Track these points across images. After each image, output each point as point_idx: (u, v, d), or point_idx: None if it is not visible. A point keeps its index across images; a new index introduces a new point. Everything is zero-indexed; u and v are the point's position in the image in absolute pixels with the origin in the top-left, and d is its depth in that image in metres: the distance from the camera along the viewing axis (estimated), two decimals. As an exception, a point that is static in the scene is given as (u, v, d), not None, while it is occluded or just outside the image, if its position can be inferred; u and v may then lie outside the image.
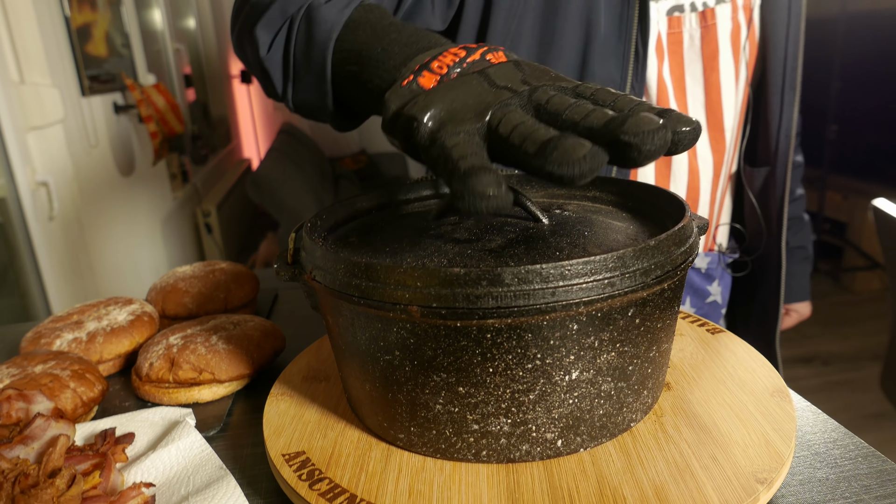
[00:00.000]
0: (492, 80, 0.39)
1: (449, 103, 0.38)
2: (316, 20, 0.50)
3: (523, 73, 0.39)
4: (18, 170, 1.74)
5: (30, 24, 1.76)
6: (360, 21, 0.49)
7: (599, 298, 0.35)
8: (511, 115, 0.36)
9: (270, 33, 0.54)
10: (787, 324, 1.05)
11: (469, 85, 0.39)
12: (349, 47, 0.48)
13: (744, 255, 0.90)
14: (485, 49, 0.41)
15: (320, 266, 0.40)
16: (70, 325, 0.63)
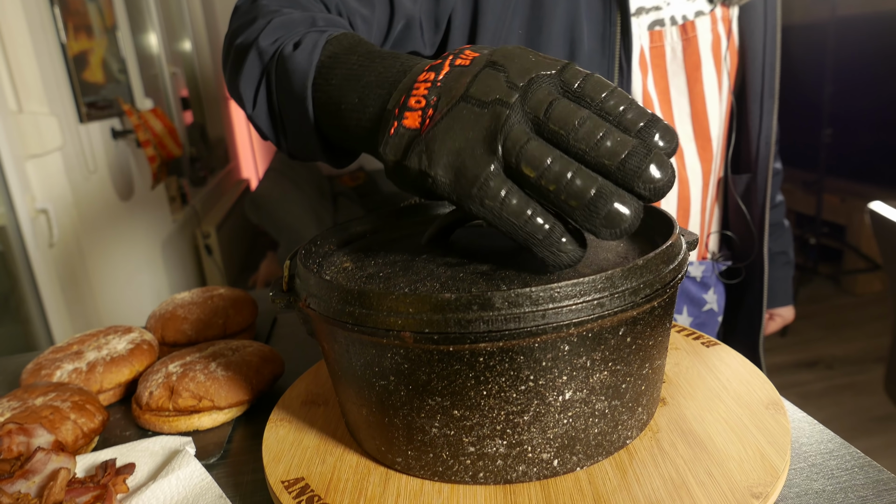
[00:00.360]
0: (479, 100, 0.37)
1: (451, 146, 0.37)
2: (288, 71, 0.49)
3: (505, 73, 0.37)
4: (18, 198, 1.76)
5: (27, 53, 1.78)
6: (331, 64, 0.47)
7: (590, 319, 0.36)
8: (527, 152, 0.35)
9: (252, 88, 0.53)
10: (771, 329, 1.06)
11: (460, 117, 0.37)
12: (326, 98, 0.46)
13: (735, 263, 0.91)
14: (451, 57, 0.40)
15: (314, 294, 0.41)
16: (70, 356, 0.64)
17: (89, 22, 2.20)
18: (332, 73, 0.46)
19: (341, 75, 0.46)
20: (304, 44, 0.49)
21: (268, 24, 0.53)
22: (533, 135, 0.36)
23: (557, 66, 0.37)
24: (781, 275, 1.03)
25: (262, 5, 0.57)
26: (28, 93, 1.81)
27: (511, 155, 0.35)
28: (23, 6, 1.74)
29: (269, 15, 0.55)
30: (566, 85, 0.37)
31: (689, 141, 0.80)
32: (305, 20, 0.53)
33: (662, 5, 0.76)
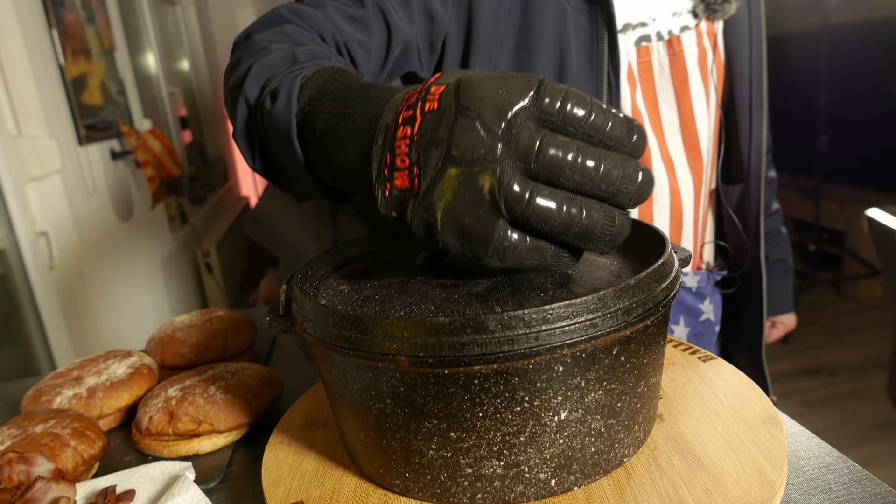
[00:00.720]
0: (465, 160, 0.35)
1: (451, 212, 0.36)
2: (273, 125, 0.49)
3: (480, 120, 0.35)
4: (18, 221, 1.76)
5: (26, 77, 1.79)
6: (311, 112, 0.47)
7: (583, 340, 0.36)
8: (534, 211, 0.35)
9: (248, 143, 0.54)
10: (773, 336, 1.07)
11: (451, 181, 0.36)
12: (315, 151, 0.46)
13: (731, 272, 0.91)
14: (419, 103, 0.38)
15: (310, 319, 0.41)
16: (70, 382, 0.64)
17: (87, 45, 2.22)
18: (314, 125, 0.46)
19: (321, 129, 0.45)
20: (281, 95, 0.49)
21: (249, 69, 0.53)
22: (532, 186, 0.35)
23: (529, 91, 0.35)
24: (781, 282, 1.04)
25: (254, 41, 0.57)
26: (27, 116, 1.82)
27: (516, 213, 0.35)
28: (21, 30, 1.76)
29: (252, 57, 0.55)
30: (546, 114, 0.35)
31: (680, 153, 0.81)
32: (286, 58, 0.53)
33: (648, 21, 0.77)
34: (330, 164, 0.45)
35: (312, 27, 0.61)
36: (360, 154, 0.42)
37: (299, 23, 0.61)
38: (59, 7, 2.00)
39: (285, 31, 0.58)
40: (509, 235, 0.36)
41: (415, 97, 0.39)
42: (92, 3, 2.31)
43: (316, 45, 0.58)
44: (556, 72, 0.73)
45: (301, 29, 0.60)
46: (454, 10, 0.73)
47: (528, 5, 0.72)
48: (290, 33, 0.58)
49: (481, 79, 0.37)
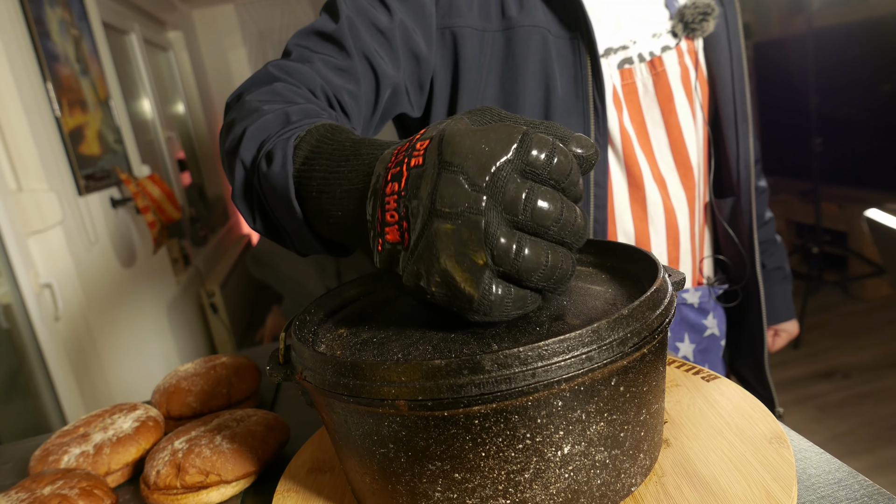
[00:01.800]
0: (449, 213, 0.36)
1: (437, 266, 0.37)
2: (271, 187, 0.50)
3: (464, 175, 0.35)
4: (21, 275, 1.77)
5: (24, 132, 1.82)
6: (306, 172, 0.48)
7: (580, 373, 0.36)
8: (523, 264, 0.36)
9: (248, 205, 0.54)
10: (778, 345, 1.06)
11: (438, 235, 0.36)
12: (313, 209, 0.47)
13: (731, 285, 0.91)
14: (406, 159, 0.38)
15: (309, 367, 0.41)
16: (77, 439, 0.64)
17: (83, 97, 2.25)
18: (310, 184, 0.47)
19: (317, 187, 0.46)
20: (276, 157, 0.49)
21: (244, 132, 0.54)
22: (518, 237, 0.35)
23: (512, 144, 0.35)
24: (780, 290, 1.04)
25: (246, 103, 0.58)
26: (27, 171, 1.84)
27: (505, 264, 0.36)
28: (17, 87, 1.79)
29: (245, 119, 0.56)
30: (531, 167, 0.36)
31: (671, 171, 0.82)
32: (279, 119, 0.54)
33: (629, 44, 0.78)
34: (328, 220, 0.46)
35: (302, 82, 0.62)
36: (355, 210, 0.43)
37: (289, 80, 0.61)
38: (53, 62, 2.03)
39: (276, 91, 0.59)
40: (494, 290, 0.36)
41: (402, 153, 0.39)
42: (86, 56, 2.35)
43: (308, 102, 0.59)
44: (542, 99, 0.74)
45: (291, 86, 0.61)
46: (439, 49, 0.74)
47: (510, 38, 0.73)
48: (280, 92, 0.59)
49: (463, 132, 0.37)
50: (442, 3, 0.73)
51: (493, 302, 0.37)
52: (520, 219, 0.35)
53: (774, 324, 1.04)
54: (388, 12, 0.69)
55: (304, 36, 0.68)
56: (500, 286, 0.37)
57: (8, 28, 1.80)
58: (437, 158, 0.37)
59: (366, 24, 0.68)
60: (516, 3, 0.73)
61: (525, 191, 0.35)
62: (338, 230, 0.46)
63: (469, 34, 0.73)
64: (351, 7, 0.68)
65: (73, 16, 2.29)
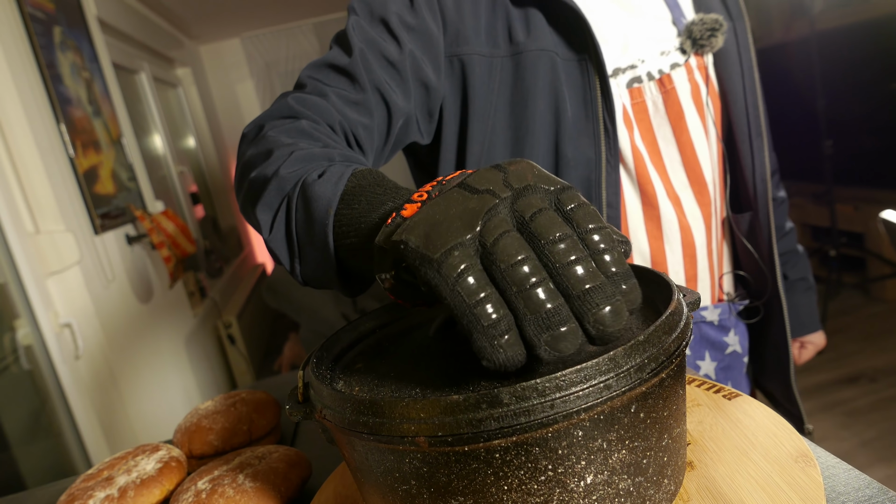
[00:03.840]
0: (471, 187, 0.38)
1: (431, 217, 0.37)
2: (312, 198, 0.49)
3: (504, 174, 0.38)
4: (41, 315, 1.80)
5: (39, 175, 1.85)
6: (354, 192, 0.48)
7: (598, 403, 0.36)
8: (505, 241, 0.34)
9: (270, 214, 0.53)
10: (804, 357, 1.05)
11: (449, 198, 0.38)
12: (347, 221, 0.47)
13: (752, 301, 0.90)
14: (464, 171, 0.41)
15: (328, 405, 0.42)
16: (101, 483, 0.64)
17: (96, 137, 2.29)
18: (357, 200, 0.47)
19: (364, 202, 0.46)
20: (329, 174, 0.50)
21: (290, 155, 0.54)
22: (515, 230, 0.36)
23: (557, 185, 0.38)
24: (804, 301, 1.02)
25: (272, 137, 0.58)
26: (43, 213, 1.87)
27: (488, 237, 0.35)
28: (31, 130, 1.83)
29: (286, 147, 0.56)
30: (560, 204, 0.37)
31: (685, 188, 0.81)
32: (324, 155, 0.54)
33: (637, 63, 0.78)
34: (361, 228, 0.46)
35: (321, 117, 0.63)
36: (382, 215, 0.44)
37: (310, 115, 0.62)
38: (66, 105, 2.07)
39: (303, 129, 0.59)
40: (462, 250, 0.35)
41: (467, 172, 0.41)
42: (97, 97, 2.39)
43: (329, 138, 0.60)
44: (552, 122, 0.74)
45: (313, 123, 0.61)
46: (448, 77, 0.74)
47: (518, 62, 0.74)
48: (307, 130, 0.59)
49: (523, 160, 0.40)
50: (449, 32, 0.74)
51: (453, 261, 0.34)
52: (525, 219, 0.36)
53: (800, 336, 1.03)
54: (398, 43, 0.70)
55: (317, 69, 0.69)
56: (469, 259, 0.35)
57: (21, 73, 1.84)
58: (492, 164, 0.40)
59: (377, 56, 0.69)
60: (523, 28, 0.74)
61: (543, 207, 0.37)
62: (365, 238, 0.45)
63: (477, 61, 0.73)
64: (362, 39, 0.69)
65: (83, 59, 2.34)
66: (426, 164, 0.82)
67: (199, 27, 4.46)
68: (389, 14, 0.71)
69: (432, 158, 0.80)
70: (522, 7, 0.75)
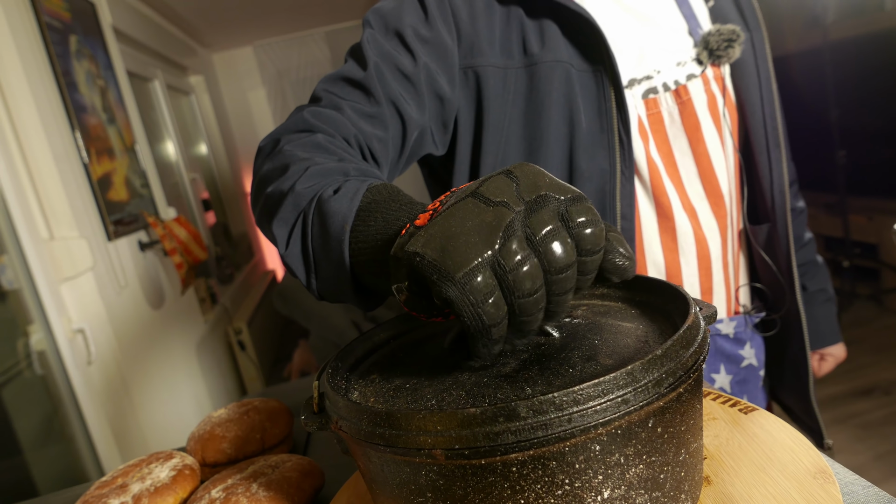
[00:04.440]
0: (485, 198, 0.38)
1: (446, 229, 0.37)
2: (328, 214, 0.49)
3: (517, 184, 0.38)
4: (55, 321, 1.81)
5: (54, 183, 1.87)
6: (370, 208, 0.48)
7: (616, 417, 0.36)
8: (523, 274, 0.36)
9: (286, 230, 0.53)
10: (824, 370, 1.03)
11: (464, 209, 0.38)
12: (363, 237, 0.47)
13: (770, 313, 0.89)
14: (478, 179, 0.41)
15: (344, 416, 0.42)
16: (115, 490, 0.65)
17: (110, 145, 2.31)
18: (372, 216, 0.47)
19: (380, 219, 0.46)
20: (345, 189, 0.50)
21: (305, 170, 0.54)
22: (531, 255, 0.37)
23: (568, 194, 0.38)
24: (824, 312, 1.01)
25: (289, 151, 0.58)
26: (58, 219, 1.89)
27: (507, 261, 0.36)
28: (47, 137, 1.85)
29: (302, 162, 0.56)
30: (569, 217, 0.38)
31: (702, 199, 0.81)
32: (339, 170, 0.55)
33: (653, 74, 0.78)
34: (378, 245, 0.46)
35: (337, 131, 0.63)
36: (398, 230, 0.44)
37: (326, 129, 0.62)
38: (81, 112, 2.09)
39: (318, 143, 0.59)
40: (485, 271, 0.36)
41: None
42: (112, 105, 2.41)
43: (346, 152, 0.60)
44: (566, 134, 0.74)
45: (329, 137, 0.61)
46: (462, 88, 0.74)
47: (533, 74, 0.74)
48: (323, 144, 0.60)
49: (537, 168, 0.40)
50: (464, 44, 0.74)
51: (478, 286, 0.36)
52: (535, 240, 0.37)
53: (820, 348, 1.02)
54: (412, 56, 0.70)
55: (332, 82, 0.69)
56: (488, 277, 0.36)
57: (38, 81, 1.87)
58: (504, 170, 0.40)
59: (391, 69, 0.69)
60: (538, 40, 0.74)
61: (554, 226, 0.37)
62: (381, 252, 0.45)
63: (492, 72, 0.73)
64: (377, 53, 0.69)
65: (98, 67, 2.36)
66: (441, 175, 0.82)
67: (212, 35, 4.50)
68: (404, 27, 0.71)
69: (447, 170, 0.80)
70: (537, 18, 0.75)
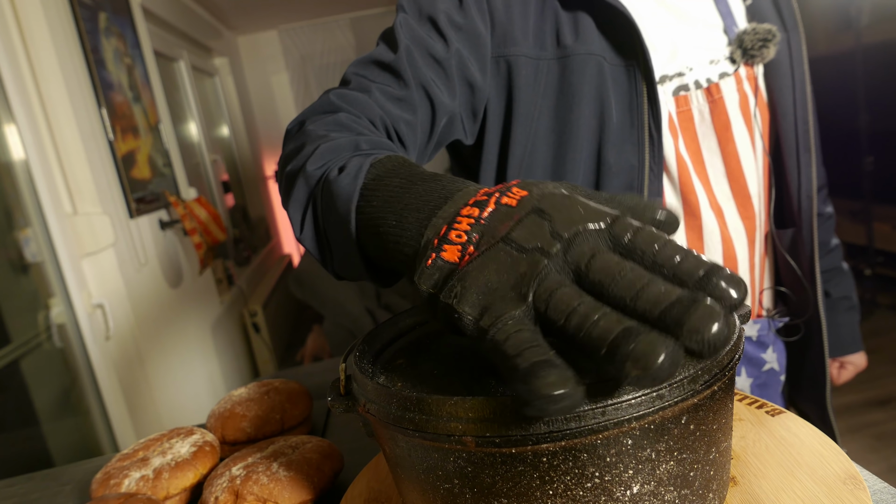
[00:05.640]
0: (519, 245, 0.35)
1: (484, 285, 0.36)
2: (333, 194, 0.49)
3: (549, 223, 0.36)
4: (75, 295, 1.83)
5: (80, 159, 1.89)
6: (374, 186, 0.47)
7: (651, 412, 0.35)
8: (557, 296, 0.32)
9: (300, 212, 0.53)
10: (844, 378, 1.02)
11: (497, 259, 0.36)
12: (367, 219, 0.46)
13: (793, 318, 0.88)
14: (497, 195, 0.39)
15: (373, 400, 0.41)
16: (136, 463, 0.65)
17: (135, 123, 2.33)
18: (375, 195, 0.46)
19: (382, 197, 0.45)
20: (349, 168, 0.49)
21: (315, 149, 0.54)
22: (568, 281, 0.34)
23: (606, 219, 0.35)
24: (847, 320, 0.99)
25: (310, 131, 0.58)
26: (82, 195, 1.91)
27: (541, 301, 0.33)
28: (74, 113, 1.86)
29: (316, 140, 0.56)
30: (615, 239, 0.35)
31: (728, 200, 0.80)
32: (350, 144, 0.54)
33: (685, 71, 0.77)
34: (378, 230, 0.44)
35: (362, 112, 0.62)
36: (416, 223, 0.42)
37: (350, 110, 0.62)
38: (108, 90, 2.11)
39: (339, 121, 0.59)
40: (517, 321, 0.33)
41: (493, 191, 0.39)
42: (138, 83, 2.43)
43: (372, 133, 0.59)
44: (596, 128, 0.73)
45: (353, 116, 0.61)
46: (493, 77, 0.74)
47: (565, 66, 0.73)
48: (343, 122, 0.59)
49: (567, 198, 0.37)
50: (497, 32, 0.73)
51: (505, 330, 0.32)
52: (582, 270, 0.34)
53: (840, 356, 1.00)
54: (445, 42, 0.70)
55: (362, 65, 0.69)
56: (525, 325, 0.33)
57: (67, 57, 1.88)
58: (533, 204, 0.37)
59: (423, 53, 0.69)
60: (572, 31, 0.73)
61: (598, 250, 0.34)
62: (384, 243, 0.44)
63: (524, 63, 0.73)
64: (409, 37, 0.69)
65: (126, 45, 2.38)
66: (469, 164, 0.82)
67: (237, 18, 4.51)
68: (438, 12, 0.70)
69: (475, 159, 0.79)
70: (572, 10, 0.74)
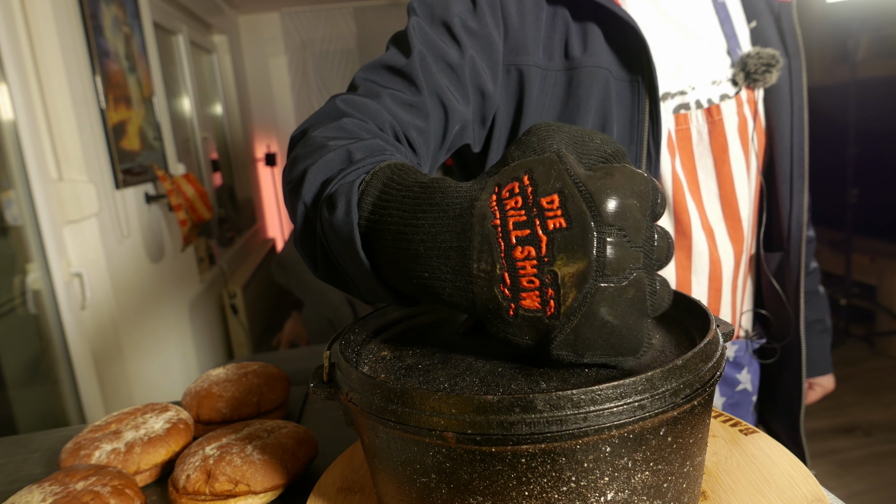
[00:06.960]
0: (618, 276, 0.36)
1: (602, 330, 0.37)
2: (336, 239, 0.46)
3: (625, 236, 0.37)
4: (54, 262, 1.81)
5: (69, 124, 1.86)
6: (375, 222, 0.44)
7: (631, 421, 0.36)
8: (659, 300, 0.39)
9: (310, 254, 0.52)
10: (811, 399, 1.04)
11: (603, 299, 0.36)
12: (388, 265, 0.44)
13: (771, 341, 0.89)
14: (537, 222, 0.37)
15: (356, 389, 0.42)
16: (108, 435, 0.65)
17: (128, 93, 2.30)
18: (383, 237, 0.43)
19: (392, 242, 0.42)
20: (339, 204, 0.45)
21: (305, 172, 0.51)
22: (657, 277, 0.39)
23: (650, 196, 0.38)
24: (819, 343, 1.01)
25: (311, 138, 0.55)
26: (69, 161, 1.89)
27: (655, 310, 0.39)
28: (68, 79, 1.84)
29: (308, 157, 0.53)
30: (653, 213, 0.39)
31: (719, 221, 0.81)
32: (341, 157, 0.51)
33: (687, 90, 0.77)
34: (410, 280, 0.43)
35: (370, 118, 0.60)
36: (452, 272, 0.40)
37: (356, 115, 0.60)
38: (104, 57, 2.08)
39: (343, 126, 0.57)
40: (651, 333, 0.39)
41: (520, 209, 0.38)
42: (135, 54, 2.40)
43: (374, 137, 0.56)
44: None
45: (358, 121, 0.58)
46: (503, 87, 0.73)
47: (572, 77, 0.73)
48: (347, 127, 0.57)
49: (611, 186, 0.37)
50: (510, 40, 0.72)
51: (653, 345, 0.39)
52: (654, 259, 0.38)
53: (810, 377, 1.02)
54: (459, 47, 0.68)
55: (372, 70, 0.67)
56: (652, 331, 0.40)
57: (65, 21, 1.85)
58: (593, 219, 0.36)
59: (436, 59, 0.67)
60: (580, 43, 0.73)
61: (655, 235, 0.39)
62: (424, 292, 0.42)
63: (534, 72, 0.72)
64: (422, 41, 0.67)
65: (126, 13, 2.35)
66: (473, 169, 0.81)
67: (240, -4, 4.47)
68: (452, 17, 0.69)
69: (479, 166, 0.79)
70: (582, 21, 0.74)
